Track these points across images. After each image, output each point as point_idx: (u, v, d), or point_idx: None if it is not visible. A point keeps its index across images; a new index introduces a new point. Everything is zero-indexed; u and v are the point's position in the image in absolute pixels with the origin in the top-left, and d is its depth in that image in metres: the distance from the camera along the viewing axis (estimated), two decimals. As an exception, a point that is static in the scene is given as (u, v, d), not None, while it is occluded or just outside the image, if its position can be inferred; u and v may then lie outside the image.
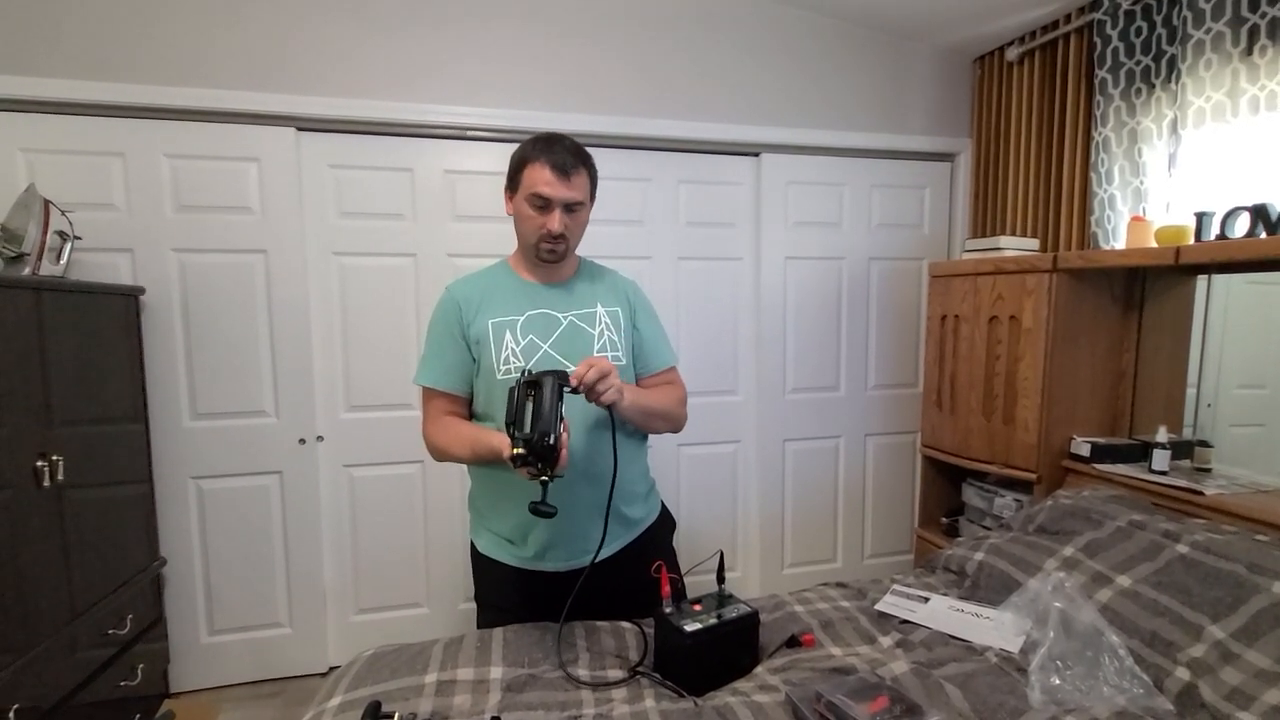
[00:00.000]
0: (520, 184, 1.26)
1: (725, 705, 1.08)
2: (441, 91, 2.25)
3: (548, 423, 1.04)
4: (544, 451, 1.03)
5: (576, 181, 1.24)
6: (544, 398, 1.06)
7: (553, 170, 1.22)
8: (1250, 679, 1.05)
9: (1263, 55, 1.70)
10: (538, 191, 1.23)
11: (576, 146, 1.27)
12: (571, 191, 1.24)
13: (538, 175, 1.23)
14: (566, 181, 1.23)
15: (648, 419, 1.32)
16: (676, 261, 2.56)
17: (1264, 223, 1.59)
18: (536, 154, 1.24)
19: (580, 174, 1.25)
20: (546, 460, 1.04)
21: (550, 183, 1.22)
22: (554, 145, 1.25)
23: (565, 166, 1.23)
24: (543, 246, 1.27)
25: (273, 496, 2.26)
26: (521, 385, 1.09)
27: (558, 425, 1.05)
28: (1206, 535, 1.34)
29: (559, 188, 1.23)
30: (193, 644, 2.23)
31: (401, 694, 1.11)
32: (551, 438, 1.03)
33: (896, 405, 2.82)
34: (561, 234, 1.25)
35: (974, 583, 1.52)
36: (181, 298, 2.14)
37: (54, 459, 1.60)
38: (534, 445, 1.03)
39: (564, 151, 1.24)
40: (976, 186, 2.74)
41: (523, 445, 1.04)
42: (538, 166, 1.23)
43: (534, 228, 1.26)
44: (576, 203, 1.26)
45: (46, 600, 1.58)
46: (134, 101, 2.03)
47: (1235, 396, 1.90)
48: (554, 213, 1.24)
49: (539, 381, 1.08)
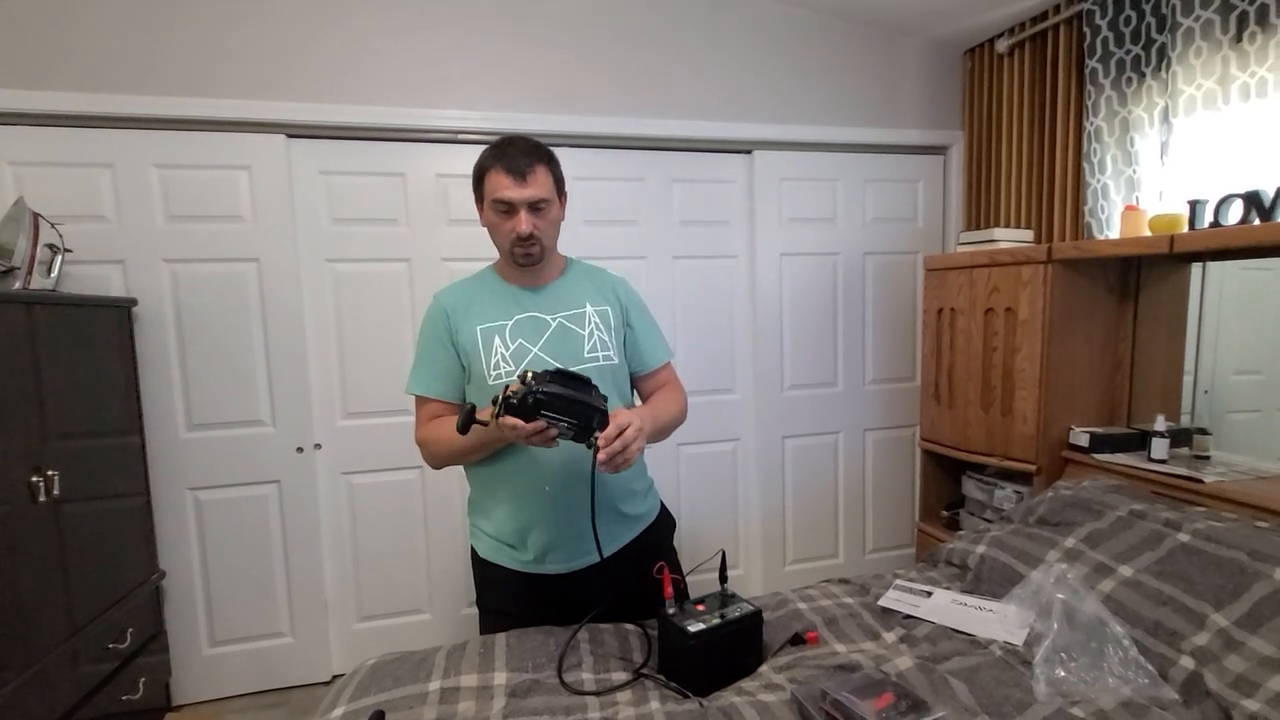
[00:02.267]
0: (484, 194, 1.26)
1: (731, 705, 1.07)
2: (432, 95, 2.24)
3: (559, 398, 1.03)
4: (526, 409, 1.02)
5: (534, 180, 1.23)
6: (585, 393, 1.06)
7: (508, 174, 1.21)
8: (1254, 666, 1.05)
9: (1252, 42, 1.70)
10: (498, 197, 1.22)
11: (531, 145, 1.26)
12: (531, 190, 1.22)
13: (496, 182, 1.22)
14: (523, 182, 1.22)
15: (660, 434, 1.31)
16: (671, 260, 2.55)
17: (1257, 209, 1.59)
18: (492, 161, 1.23)
19: (537, 171, 1.23)
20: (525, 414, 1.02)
21: (508, 186, 1.21)
22: (507, 149, 1.24)
23: (520, 168, 1.22)
24: (516, 251, 1.26)
25: (271, 506, 2.25)
26: (573, 378, 1.07)
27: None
28: (1207, 523, 1.34)
29: (518, 189, 1.22)
30: (194, 656, 2.22)
31: (405, 702, 1.10)
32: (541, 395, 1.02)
33: (894, 399, 2.83)
34: (531, 234, 1.23)
35: (976, 576, 1.52)
36: (174, 308, 2.12)
37: (49, 474, 1.59)
38: (522, 397, 1.01)
39: (517, 153, 1.23)
40: (970, 179, 2.74)
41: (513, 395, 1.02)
42: (494, 173, 1.23)
43: (504, 234, 1.25)
44: (540, 200, 1.24)
45: (45, 616, 1.57)
46: (122, 112, 2.02)
47: (1232, 383, 1.91)
48: (519, 215, 1.23)
49: (590, 384, 1.08)
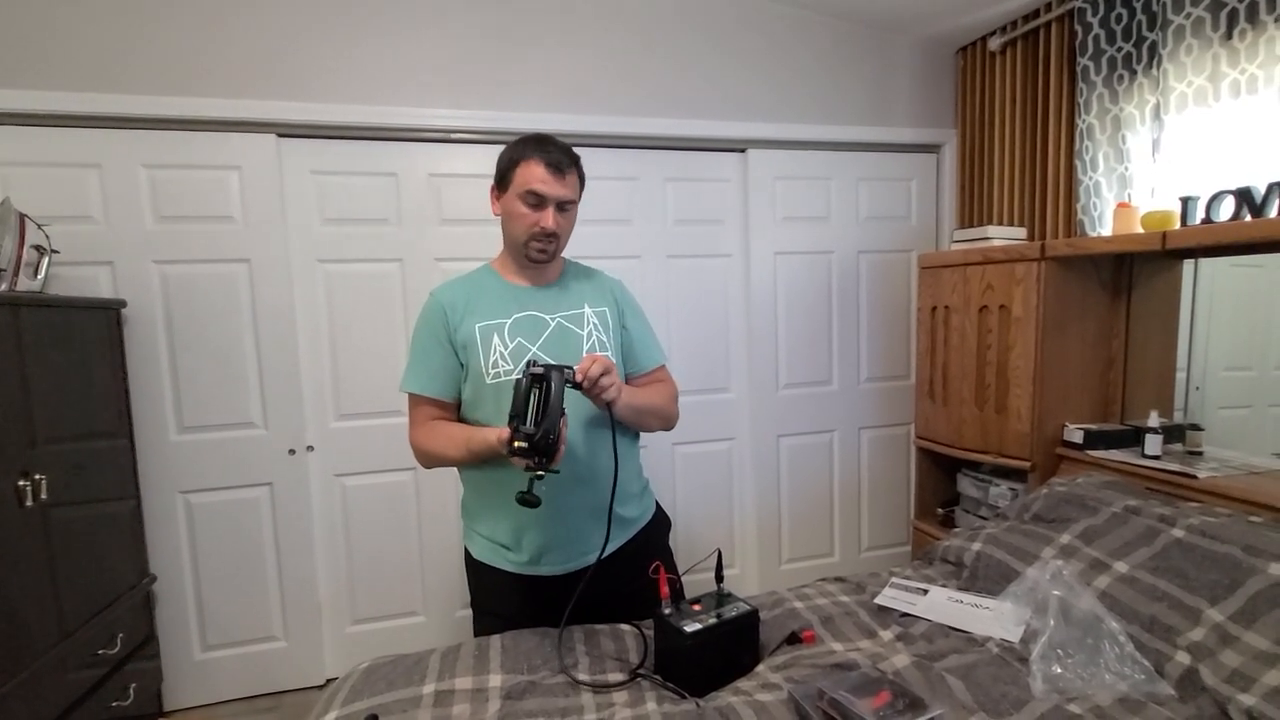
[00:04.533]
0: (512, 181, 1.26)
1: (728, 705, 1.07)
2: (424, 94, 2.23)
3: (553, 419, 1.05)
4: (546, 447, 1.05)
5: (569, 180, 1.27)
6: (550, 392, 1.07)
7: (548, 168, 1.24)
8: (1250, 661, 1.05)
9: (1242, 39, 1.71)
10: (533, 189, 1.24)
11: (567, 147, 1.30)
12: (565, 190, 1.26)
13: (532, 172, 1.24)
14: (561, 179, 1.25)
15: (641, 416, 1.32)
16: (665, 260, 2.55)
17: (1248, 205, 1.60)
18: (530, 152, 1.25)
19: (572, 174, 1.28)
20: (546, 455, 1.05)
21: (545, 180, 1.23)
22: (547, 144, 1.27)
23: (560, 165, 1.25)
24: (534, 245, 1.27)
25: (263, 509, 2.23)
26: (527, 378, 1.09)
27: (559, 424, 1.06)
28: (1201, 518, 1.34)
29: (554, 185, 1.24)
30: (186, 661, 2.20)
31: (399, 705, 1.09)
32: (553, 436, 1.05)
33: (889, 397, 2.83)
34: (554, 232, 1.26)
35: (972, 573, 1.52)
36: (164, 309, 2.10)
37: (36, 478, 1.57)
38: (536, 441, 1.04)
39: (558, 150, 1.26)
40: (963, 177, 2.74)
41: (525, 440, 1.05)
42: (532, 164, 1.24)
43: (526, 225, 1.26)
44: (569, 201, 1.28)
45: (34, 622, 1.55)
46: (110, 112, 1.99)
47: (1222, 379, 1.92)
48: (548, 210, 1.25)
49: (545, 376, 1.08)
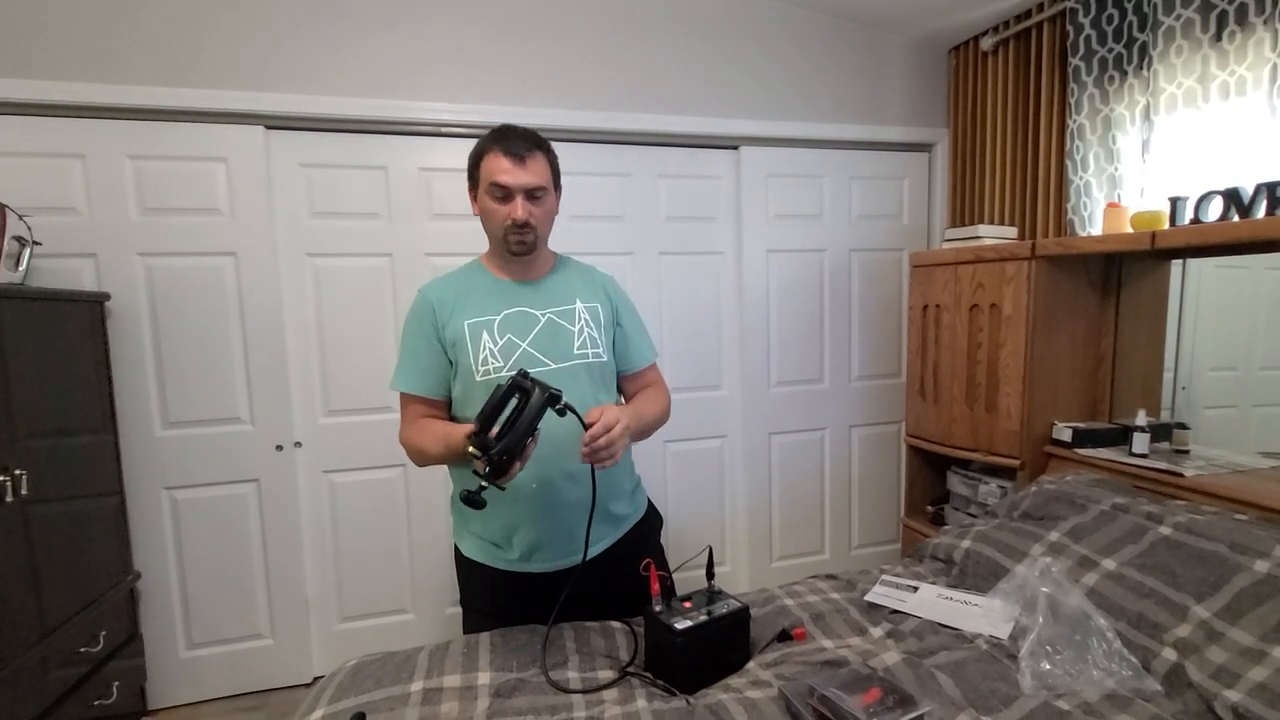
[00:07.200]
0: (480, 178, 1.25)
1: (718, 703, 1.06)
2: (415, 87, 2.21)
3: (515, 440, 1.02)
4: (497, 464, 1.02)
5: (533, 166, 1.23)
6: (525, 412, 1.03)
7: (507, 157, 1.21)
8: (1235, 657, 1.06)
9: (1232, 41, 1.72)
10: (496, 181, 1.22)
11: (530, 133, 1.26)
12: (530, 176, 1.23)
13: (494, 165, 1.22)
14: (523, 166, 1.22)
15: (645, 432, 1.31)
16: (658, 257, 2.54)
17: (1236, 206, 1.61)
18: (490, 145, 1.24)
19: (536, 158, 1.24)
20: (496, 470, 1.02)
21: (507, 170, 1.21)
22: (507, 134, 1.24)
23: (519, 152, 1.22)
24: (511, 238, 1.25)
25: (250, 505, 2.21)
26: (509, 385, 1.06)
27: (524, 444, 1.03)
28: (1188, 516, 1.35)
29: (517, 174, 1.22)
30: (170, 659, 2.17)
31: (387, 703, 1.08)
32: (507, 457, 1.02)
33: (880, 396, 2.84)
34: (527, 222, 1.23)
35: (962, 570, 1.52)
36: (149, 303, 2.07)
37: (16, 474, 1.54)
38: (491, 455, 1.01)
39: (517, 138, 1.23)
40: (954, 176, 2.75)
41: (479, 449, 1.02)
42: (493, 156, 1.22)
43: (499, 220, 1.24)
44: (538, 188, 1.24)
45: (14, 619, 1.52)
46: (94, 101, 1.96)
47: (1208, 379, 1.94)
48: (515, 200, 1.22)
49: (527, 389, 1.05)
